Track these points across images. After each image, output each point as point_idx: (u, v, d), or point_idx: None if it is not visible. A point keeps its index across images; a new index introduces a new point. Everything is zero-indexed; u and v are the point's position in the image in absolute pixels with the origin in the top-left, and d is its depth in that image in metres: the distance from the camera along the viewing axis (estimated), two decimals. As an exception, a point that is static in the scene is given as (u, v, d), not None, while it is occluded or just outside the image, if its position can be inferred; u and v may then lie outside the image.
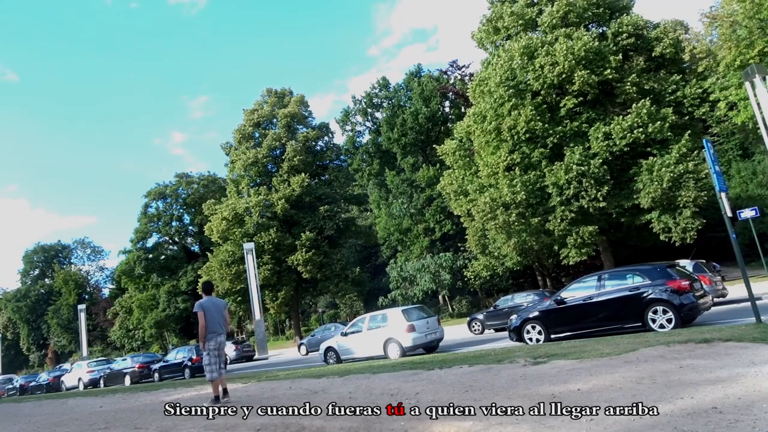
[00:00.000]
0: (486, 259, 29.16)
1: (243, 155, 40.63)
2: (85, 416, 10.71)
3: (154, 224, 50.98)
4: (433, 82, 35.95)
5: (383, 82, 39.79)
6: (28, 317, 64.86)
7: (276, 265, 37.71)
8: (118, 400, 13.43)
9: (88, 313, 50.74)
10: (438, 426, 4.83)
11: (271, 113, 42.04)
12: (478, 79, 25.42)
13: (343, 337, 16.85)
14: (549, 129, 22.38)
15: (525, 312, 13.38)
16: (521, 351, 10.00)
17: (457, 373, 8.23)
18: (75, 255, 70.12)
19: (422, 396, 6.57)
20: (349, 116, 41.40)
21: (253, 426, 6.27)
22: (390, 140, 36.37)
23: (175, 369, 21.56)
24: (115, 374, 25.60)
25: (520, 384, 6.41)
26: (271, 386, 10.60)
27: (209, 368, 8.74)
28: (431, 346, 15.81)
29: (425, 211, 35.00)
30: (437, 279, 32.36)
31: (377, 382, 8.66)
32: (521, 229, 23.76)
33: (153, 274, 50.70)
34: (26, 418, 12.81)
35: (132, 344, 52.47)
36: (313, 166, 41.89)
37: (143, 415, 9.22)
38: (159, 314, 47.95)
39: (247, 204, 38.47)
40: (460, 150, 27.27)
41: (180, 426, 7.11)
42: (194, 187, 52.43)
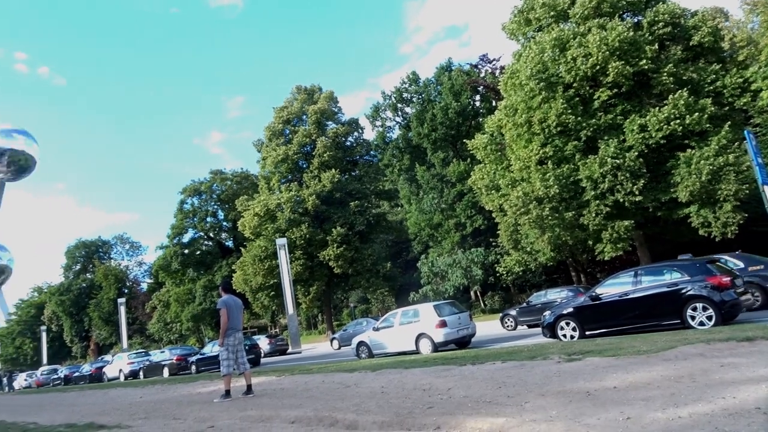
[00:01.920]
0: (518, 255, 28.84)
1: (274, 152, 41.10)
2: (126, 406, 11.06)
3: (189, 220, 52.07)
4: (464, 76, 35.63)
5: (413, 77, 39.61)
6: (71, 310, 67.04)
7: (308, 260, 38.09)
8: (157, 391, 13.82)
9: (128, 307, 52.18)
10: (470, 422, 4.83)
11: (301, 110, 42.38)
12: (509, 72, 25.10)
13: (374, 331, 16.94)
14: (582, 122, 21.96)
15: (559, 308, 13.22)
16: (555, 347, 9.89)
17: (490, 369, 8.19)
18: (114, 250, 72.21)
19: (454, 391, 6.57)
20: (378, 112, 41.39)
21: (287, 418, 6.38)
22: (420, 135, 36.24)
23: (211, 361, 22.02)
24: (153, 366, 26.33)
25: (553, 381, 6.35)
26: (305, 380, 10.75)
27: (226, 363, 9.00)
28: (463, 341, 15.76)
29: (456, 206, 34.78)
30: (469, 274, 32.16)
31: (409, 377, 8.69)
32: (555, 223, 23.41)
33: (189, 268, 51.83)
34: (71, 407, 13.30)
35: (170, 337, 53.77)
36: (343, 161, 42.09)
37: (181, 406, 9.47)
38: (195, 308, 49.00)
39: (278, 200, 38.93)
40: (491, 144, 26.99)
41: (217, 417, 7.28)
42: (228, 184, 53.32)
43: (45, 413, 12.59)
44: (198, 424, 6.95)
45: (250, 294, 39.51)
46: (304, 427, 5.77)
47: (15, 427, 10.17)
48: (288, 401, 7.85)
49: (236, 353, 9.05)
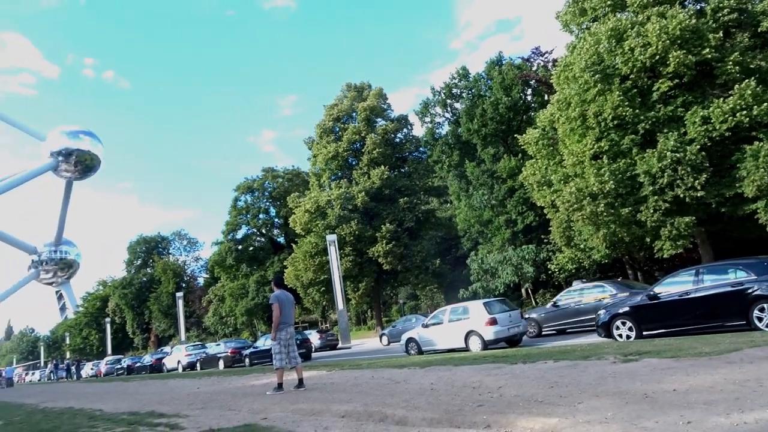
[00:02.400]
0: (571, 252, 28.12)
1: (324, 149, 41.61)
2: (184, 396, 11.49)
3: (243, 217, 53.45)
4: (514, 70, 34.95)
5: (463, 72, 39.18)
6: (133, 303, 70.12)
7: (357, 256, 38.41)
8: (213, 383, 14.29)
9: (185, 301, 54.12)
10: (522, 421, 4.76)
11: (351, 107, 42.71)
12: (562, 65, 24.44)
13: (424, 328, 16.94)
14: (640, 114, 21.15)
15: (614, 307, 12.83)
16: (610, 347, 9.61)
17: (542, 368, 8.05)
18: (173, 246, 75.00)
19: (505, 390, 6.49)
20: (428, 108, 41.18)
21: (337, 412, 6.47)
22: (470, 131, 35.82)
23: (264, 355, 22.57)
24: (210, 358, 27.26)
25: (609, 382, 6.17)
26: (355, 375, 10.86)
27: (279, 356, 9.19)
28: (514, 339, 15.56)
29: (507, 203, 34.23)
30: (519, 272, 31.61)
31: (459, 374, 8.65)
32: (610, 220, 22.67)
33: (243, 264, 53.24)
34: (133, 396, 13.94)
35: (225, 330, 55.40)
36: (392, 158, 42.16)
37: (236, 397, 9.76)
38: (249, 302, 50.29)
39: (328, 197, 39.41)
40: (543, 139, 26.39)
41: (269, 409, 7.46)
42: (279, 181, 54.40)
43: (109, 401, 13.25)
44: (252, 415, 7.15)
45: (301, 289, 40.22)
46: (354, 422, 5.83)
47: (82, 413, 10.75)
48: (338, 396, 7.96)
49: (288, 347, 9.23)
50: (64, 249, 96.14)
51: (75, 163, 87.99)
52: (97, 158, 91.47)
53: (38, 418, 10.92)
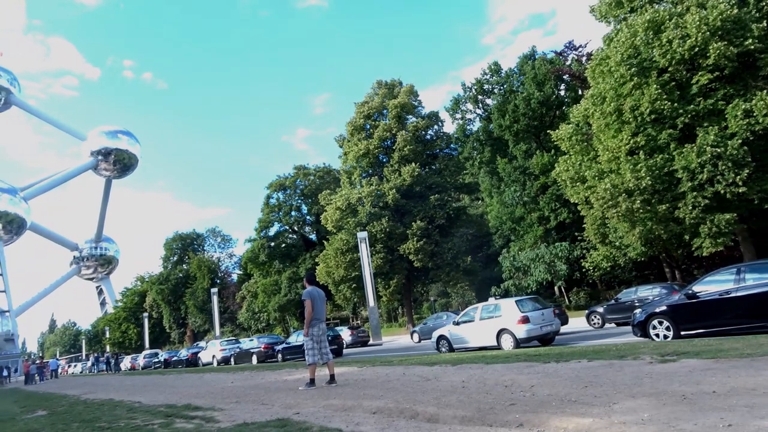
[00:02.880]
0: (606, 249, 27.59)
1: (355, 147, 41.77)
2: (219, 390, 11.72)
3: (275, 214, 54.12)
4: (547, 65, 34.42)
5: (494, 67, 38.80)
6: (169, 298, 71.80)
7: (388, 253, 38.48)
8: (247, 378, 14.53)
9: (219, 297, 55.16)
10: (555, 421, 4.70)
11: (381, 104, 42.74)
12: (597, 58, 23.94)
13: (455, 326, 16.87)
14: (678, 108, 20.57)
15: (651, 306, 12.53)
16: (646, 347, 9.40)
17: (575, 367, 7.93)
18: (207, 243, 76.45)
19: (538, 389, 6.42)
20: (459, 104, 40.93)
21: (368, 408, 6.50)
22: (501, 127, 35.46)
23: (296, 350, 22.82)
24: (243, 353, 27.71)
25: (645, 382, 6.04)
26: (386, 371, 10.90)
27: (311, 353, 9.26)
28: (547, 338, 15.37)
29: (539, 199, 33.77)
30: (552, 269, 31.17)
31: (490, 372, 8.59)
32: (646, 217, 22.15)
33: (275, 261, 53.93)
34: (170, 389, 14.30)
35: (258, 326, 56.26)
36: (423, 155, 42.05)
37: (269, 392, 9.91)
38: (281, 299, 50.94)
39: (359, 194, 39.57)
40: (576, 134, 25.93)
41: (302, 404, 7.55)
42: (311, 179, 54.88)
43: (147, 393, 13.61)
44: (284, 410, 7.25)
45: (332, 286, 40.52)
46: (385, 418, 5.86)
47: (122, 405, 11.08)
48: (369, 392, 8.00)
49: (320, 343, 9.31)
50: (103, 246, 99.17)
51: (113, 162, 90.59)
52: (135, 157, 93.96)
53: (80, 409, 11.30)
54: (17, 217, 78.04)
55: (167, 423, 7.32)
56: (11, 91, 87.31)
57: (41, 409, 12.74)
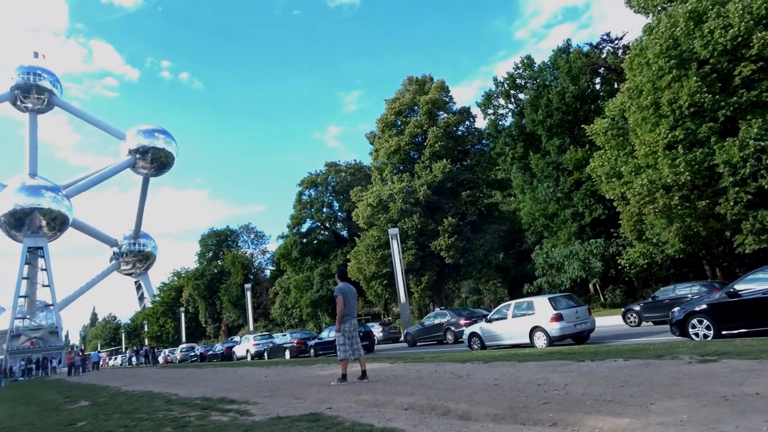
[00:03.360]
0: (642, 246, 26.94)
1: (386, 143, 41.78)
2: (253, 384, 11.92)
3: (307, 211, 54.62)
4: (583, 58, 33.70)
5: (527, 61, 38.20)
6: (205, 294, 73.22)
7: (419, 250, 38.42)
8: (280, 372, 14.74)
9: (253, 292, 55.98)
10: (590, 420, 4.63)
11: (412, 101, 42.61)
12: (635, 51, 23.34)
13: (487, 323, 16.77)
14: (720, 101, 19.91)
15: (690, 304, 12.20)
16: (685, 347, 9.16)
17: (611, 366, 7.79)
18: (241, 239, 77.71)
19: (572, 388, 6.33)
20: (491, 99, 40.45)
21: (400, 405, 6.52)
22: (534, 122, 34.92)
23: (328, 346, 23.02)
24: (276, 348, 28.11)
25: (684, 382, 5.89)
26: (417, 368, 10.90)
27: (342, 348, 9.33)
28: (581, 336, 15.14)
29: (573, 195, 33.15)
30: (587, 267, 30.58)
31: (523, 370, 8.51)
32: (685, 213, 21.54)
33: (307, 257, 54.46)
34: (206, 382, 14.61)
35: (290, 321, 56.94)
36: (454, 151, 41.78)
37: (301, 387, 10.03)
38: (313, 295, 51.43)
39: (390, 191, 39.58)
40: (612, 129, 25.37)
41: (334, 399, 7.62)
42: (342, 176, 55.17)
43: (184, 386, 13.95)
44: (317, 404, 7.33)
45: (363, 282, 40.68)
46: (417, 415, 5.87)
47: (160, 397, 11.38)
48: (401, 388, 8.02)
49: (352, 339, 9.38)
50: (142, 242, 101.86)
51: (151, 160, 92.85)
52: (171, 155, 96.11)
53: (120, 401, 11.66)
54: (60, 214, 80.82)
55: (203, 415, 7.49)
56: (54, 93, 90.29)
57: (84, 400, 13.19)
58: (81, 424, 8.25)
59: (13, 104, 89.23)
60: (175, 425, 6.86)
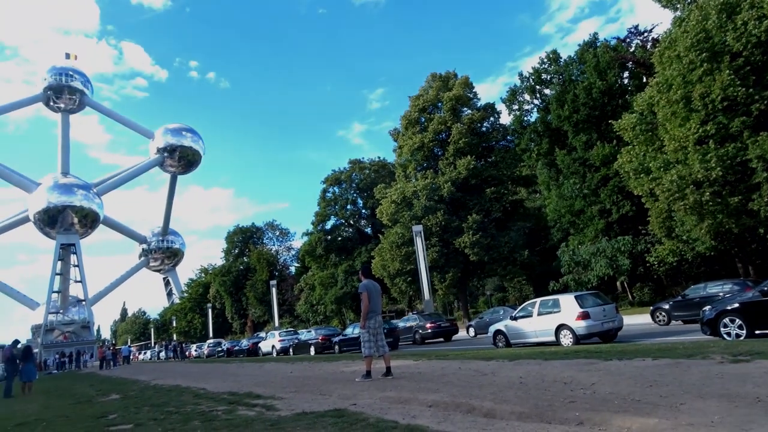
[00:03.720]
0: (672, 244, 26.39)
1: (410, 140, 41.71)
2: (278, 380, 12.06)
3: (331, 208, 54.91)
4: (610, 52, 33.08)
5: (553, 56, 37.68)
6: (231, 290, 74.16)
7: (443, 247, 38.30)
8: (305, 368, 14.86)
9: (278, 289, 56.54)
10: (618, 420, 4.56)
11: (436, 97, 42.44)
12: (664, 44, 22.84)
13: (512, 321, 16.64)
14: (753, 94, 19.38)
15: (722, 303, 11.93)
16: (716, 346, 8.95)
17: (639, 365, 7.66)
18: (266, 236, 78.48)
19: (599, 387, 6.25)
20: (515, 95, 40.02)
21: (424, 402, 6.52)
22: (560, 118, 34.45)
23: (352, 342, 23.12)
24: (301, 344, 28.34)
25: (715, 383, 5.77)
26: (441, 365, 10.89)
27: (367, 345, 9.35)
28: (608, 335, 14.92)
29: (600, 192, 32.62)
30: (614, 264, 30.08)
31: (549, 368, 8.43)
32: (716, 209, 21.04)
33: (332, 254, 54.76)
34: (233, 377, 14.83)
35: (315, 318, 57.35)
36: (478, 148, 41.51)
37: (326, 382, 10.10)
38: (338, 291, 51.70)
39: (414, 187, 39.53)
40: (640, 124, 24.90)
41: (358, 396, 7.66)
42: (366, 173, 55.28)
43: (212, 381, 14.17)
44: (342, 400, 7.38)
45: (388, 279, 40.73)
46: (441, 412, 5.86)
47: (188, 391, 11.59)
48: (425, 385, 8.02)
49: (376, 336, 9.40)
50: (170, 239, 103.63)
51: (178, 158, 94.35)
52: (198, 153, 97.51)
53: (150, 394, 11.91)
54: (91, 211, 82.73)
55: (230, 410, 7.60)
56: (85, 93, 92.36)
57: (115, 393, 13.51)
58: (112, 416, 8.45)
59: (46, 105, 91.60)
60: (203, 419, 6.98)
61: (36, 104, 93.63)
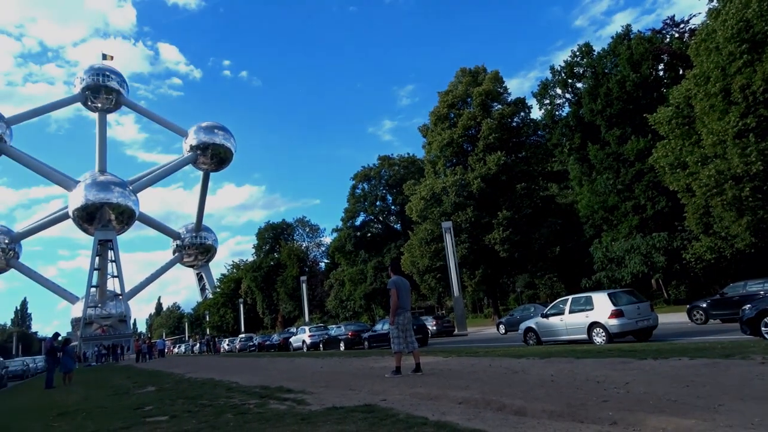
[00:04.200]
0: (710, 240, 25.66)
1: (439, 136, 41.50)
2: (309, 374, 12.19)
3: (360, 204, 55.08)
4: (645, 44, 32.25)
5: (585, 49, 36.92)
6: (262, 285, 75.10)
7: (473, 243, 38.04)
8: (335, 363, 14.99)
9: (308, 284, 57.07)
10: (652, 420, 4.48)
11: (465, 93, 42.10)
12: (702, 35, 22.18)
13: (543, 318, 16.45)
14: (797, 85, 18.68)
15: (763, 302, 11.56)
16: (757, 346, 8.69)
17: (675, 365, 7.49)
18: (296, 233, 79.21)
19: (633, 386, 6.14)
20: (547, 89, 39.36)
21: (454, 399, 6.51)
22: (593, 112, 33.78)
23: (381, 338, 23.20)
24: (331, 339, 28.58)
25: (755, 384, 5.60)
26: (471, 362, 10.84)
27: (396, 341, 9.35)
28: (643, 333, 14.61)
29: (634, 187, 31.89)
30: (649, 261, 29.41)
31: (581, 367, 8.32)
32: (757, 205, 20.38)
33: (361, 250, 54.96)
34: (264, 371, 15.05)
35: (345, 314, 57.68)
36: (509, 143, 41.04)
37: (356, 378, 10.17)
38: (367, 287, 51.88)
39: (443, 184, 39.35)
40: (677, 117, 24.25)
41: (388, 392, 7.69)
42: (395, 169, 55.26)
43: (244, 375, 14.41)
44: (371, 396, 7.42)
45: (417, 276, 40.68)
46: (471, 409, 5.84)
47: (221, 384, 11.81)
48: (455, 382, 8.00)
49: (406, 332, 9.40)
50: (203, 235, 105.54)
51: (210, 155, 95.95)
52: (230, 151, 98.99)
53: (184, 387, 12.18)
54: (127, 208, 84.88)
55: (262, 403, 7.72)
56: (121, 92, 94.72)
57: (151, 385, 13.86)
58: (148, 408, 8.68)
59: (84, 104, 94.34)
60: (236, 412, 7.10)
61: (75, 104, 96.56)
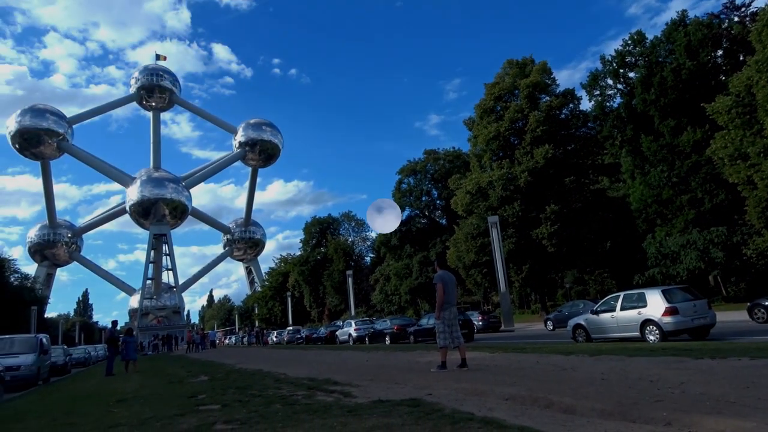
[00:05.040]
0: (773, 235, 24.42)
1: (485, 129, 40.94)
2: (354, 368, 12.33)
3: (406, 198, 55.08)
4: (703, 30, 30.84)
5: (638, 37, 35.63)
6: (309, 279, 76.25)
7: (520, 238, 37.46)
8: (381, 357, 15.10)
9: (354, 279, 57.56)
10: (709, 422, 4.31)
11: (512, 85, 41.36)
12: (765, 19, 21.06)
13: (593, 315, 16.08)
14: None
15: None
16: (825, 347, 8.23)
17: (734, 365, 7.19)
18: (342, 227, 79.99)
19: (689, 386, 5.92)
20: (597, 80, 38.24)
21: (501, 395, 6.45)
22: (646, 102, 32.60)
23: (427, 333, 23.18)
24: (377, 333, 28.79)
25: (822, 387, 5.31)
26: (518, 358, 10.72)
27: (442, 336, 9.32)
28: (699, 332, 14.07)
29: (690, 180, 30.62)
30: (706, 257, 28.23)
31: (633, 365, 8.09)
32: (826, 198, 19.23)
33: (407, 245, 55.03)
34: (310, 364, 15.32)
35: (390, 308, 57.92)
36: (557, 136, 40.08)
37: (401, 372, 10.21)
38: (412, 282, 51.91)
39: (490, 178, 38.86)
40: (737, 107, 23.13)
41: (433, 386, 7.69)
42: (440, 163, 54.96)
43: (292, 366, 14.72)
44: (417, 390, 7.44)
45: (462, 270, 40.41)
46: (518, 405, 5.78)
47: (270, 375, 12.10)
48: (501, 378, 7.93)
49: (451, 327, 9.37)
50: (252, 229, 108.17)
51: (259, 152, 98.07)
52: (278, 147, 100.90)
53: (235, 377, 12.53)
54: (180, 203, 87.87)
55: (309, 395, 7.86)
56: (174, 91, 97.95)
57: (203, 375, 14.33)
58: (201, 396, 8.98)
59: (139, 103, 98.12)
60: (284, 403, 7.26)
61: (132, 103, 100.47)
